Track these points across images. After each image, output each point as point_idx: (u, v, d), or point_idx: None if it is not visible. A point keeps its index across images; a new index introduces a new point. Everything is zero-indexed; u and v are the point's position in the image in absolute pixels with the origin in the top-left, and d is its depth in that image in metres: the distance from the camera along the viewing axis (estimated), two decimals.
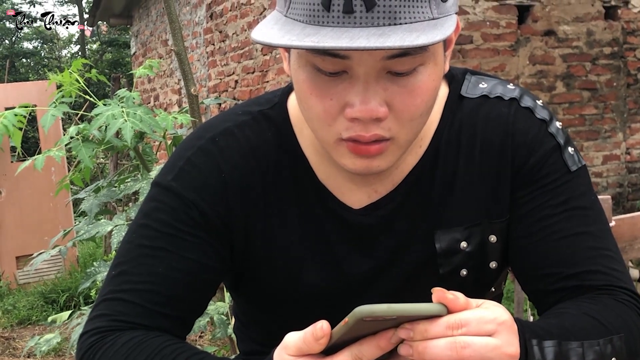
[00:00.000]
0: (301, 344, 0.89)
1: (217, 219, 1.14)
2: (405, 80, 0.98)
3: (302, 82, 1.01)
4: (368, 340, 0.87)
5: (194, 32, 8.01)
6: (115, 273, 1.15)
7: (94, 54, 19.49)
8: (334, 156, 1.06)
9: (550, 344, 0.97)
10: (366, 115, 0.97)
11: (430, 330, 0.85)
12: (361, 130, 0.99)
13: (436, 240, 1.16)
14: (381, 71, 0.97)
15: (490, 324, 0.87)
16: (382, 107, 0.98)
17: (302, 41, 0.90)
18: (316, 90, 1.00)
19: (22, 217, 6.53)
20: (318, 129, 1.05)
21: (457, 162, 1.16)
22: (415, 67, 0.98)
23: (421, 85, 0.99)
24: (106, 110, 2.36)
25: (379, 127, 0.99)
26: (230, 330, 2.61)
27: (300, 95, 1.04)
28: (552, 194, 1.14)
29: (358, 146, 1.01)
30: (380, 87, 0.97)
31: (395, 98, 0.99)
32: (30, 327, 5.61)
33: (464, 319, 0.86)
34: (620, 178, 6.18)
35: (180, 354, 1.04)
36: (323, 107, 1.00)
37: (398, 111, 0.99)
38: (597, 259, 1.12)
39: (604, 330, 1.03)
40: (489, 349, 0.86)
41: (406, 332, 0.86)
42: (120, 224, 2.39)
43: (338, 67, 0.97)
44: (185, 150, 1.17)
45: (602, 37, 6.02)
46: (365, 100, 0.97)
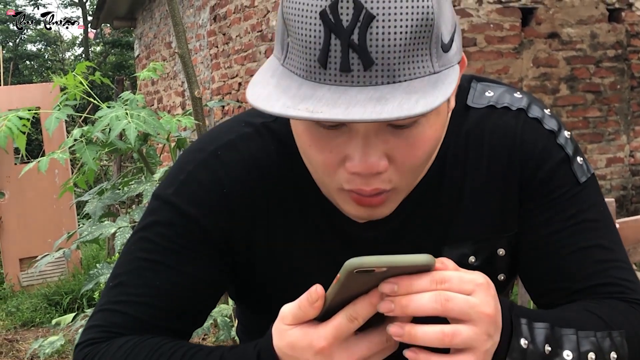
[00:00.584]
0: (297, 311, 0.90)
1: (218, 234, 1.12)
2: (407, 133, 0.95)
3: (301, 133, 0.99)
4: (360, 299, 0.87)
5: (198, 35, 8.02)
6: (113, 284, 1.14)
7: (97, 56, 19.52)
8: (338, 203, 1.05)
9: (542, 325, 0.96)
10: (366, 170, 0.95)
11: (415, 284, 0.86)
12: (362, 184, 0.97)
13: (444, 256, 1.14)
14: (381, 125, 0.94)
15: (469, 283, 0.88)
16: (382, 160, 0.95)
17: (297, 109, 0.87)
18: (315, 142, 0.97)
19: (25, 220, 6.54)
20: (320, 177, 1.03)
21: (464, 176, 1.14)
22: (416, 120, 0.95)
23: (423, 137, 0.96)
24: (110, 112, 2.36)
25: (379, 180, 0.97)
26: (233, 333, 2.61)
27: (300, 145, 1.02)
28: (561, 207, 1.12)
29: (361, 199, 1.00)
30: (380, 140, 0.94)
31: (396, 151, 0.96)
32: (33, 329, 5.61)
33: (447, 276, 0.87)
34: (624, 181, 6.17)
35: (179, 349, 1.04)
36: (323, 159, 0.98)
37: (399, 163, 0.97)
38: (608, 272, 1.11)
39: (602, 324, 1.02)
40: (469, 305, 0.87)
41: (390, 286, 0.86)
42: (123, 226, 2.39)
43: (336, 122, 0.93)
44: (186, 164, 1.15)
45: (606, 39, 6.02)
46: (365, 155, 0.94)
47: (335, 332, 0.88)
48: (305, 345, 0.89)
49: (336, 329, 0.88)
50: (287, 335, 0.91)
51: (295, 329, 0.91)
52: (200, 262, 1.11)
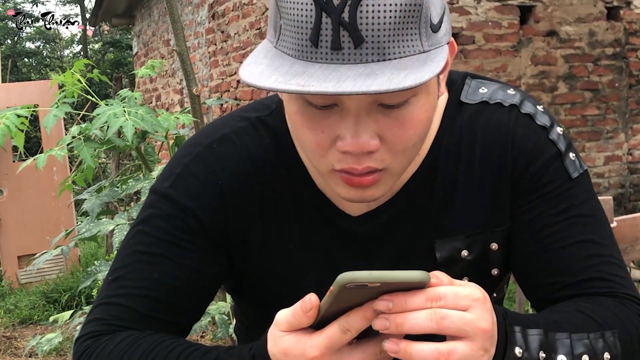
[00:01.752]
0: (291, 319, 0.90)
1: (214, 227, 1.14)
2: (397, 112, 0.96)
3: (294, 114, 1.00)
4: (354, 311, 0.87)
5: (196, 32, 8.02)
6: (111, 278, 1.15)
7: (96, 54, 19.51)
8: (329, 184, 1.05)
9: (536, 332, 0.97)
10: (357, 149, 0.96)
11: (409, 302, 0.85)
12: (353, 163, 0.98)
13: (436, 250, 1.15)
14: (372, 104, 0.95)
15: (465, 299, 0.88)
16: (374, 140, 0.96)
17: (288, 83, 0.89)
18: (307, 122, 0.99)
19: (24, 217, 6.54)
20: (311, 158, 1.04)
21: (456, 171, 1.15)
22: (406, 99, 0.96)
23: (413, 117, 0.97)
24: (107, 109, 2.36)
25: (371, 159, 0.98)
26: (231, 330, 2.61)
27: (292, 126, 1.03)
28: (553, 203, 1.13)
29: (351, 178, 1.00)
30: (372, 119, 0.96)
31: (387, 130, 0.97)
32: (31, 326, 5.61)
33: (442, 292, 0.87)
34: (622, 179, 6.18)
35: (176, 347, 1.05)
36: (315, 139, 0.99)
37: (390, 143, 0.98)
38: (599, 267, 1.11)
39: (594, 325, 1.02)
40: (465, 322, 0.86)
41: (385, 304, 0.85)
42: (121, 223, 2.39)
43: (328, 101, 0.96)
44: (182, 157, 1.17)
45: (604, 37, 6.02)
46: (357, 134, 0.95)
47: (328, 342, 0.88)
48: (298, 353, 0.90)
49: (329, 339, 0.88)
50: (281, 342, 0.91)
51: (289, 336, 0.91)
52: (197, 254, 1.13)
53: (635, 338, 1.06)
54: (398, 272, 0.83)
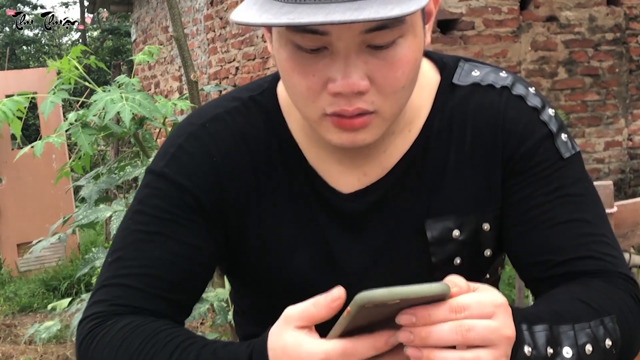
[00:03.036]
0: (311, 308, 0.89)
1: (209, 203, 1.15)
2: (385, 53, 0.99)
3: (284, 60, 1.02)
4: (364, 337, 0.86)
5: (195, 19, 7.99)
6: (111, 260, 1.16)
7: (94, 41, 19.46)
8: (320, 132, 1.07)
9: (541, 328, 0.97)
10: (348, 90, 0.98)
11: (433, 315, 0.85)
12: (344, 105, 1.00)
13: (427, 229, 1.16)
14: (361, 45, 0.98)
15: (489, 306, 0.87)
16: (364, 80, 0.99)
17: (279, 19, 0.91)
18: (298, 67, 1.01)
19: (23, 205, 6.54)
20: (302, 106, 1.06)
21: (448, 151, 1.16)
22: (394, 40, 0.98)
23: (402, 58, 1.00)
24: (105, 95, 2.34)
25: (361, 100, 1.00)
26: (230, 317, 2.61)
27: (284, 73, 1.05)
28: (545, 182, 1.14)
29: (342, 120, 1.02)
30: (361, 61, 0.98)
31: (376, 71, 0.99)
32: (31, 314, 5.62)
33: (466, 302, 0.86)
34: (622, 164, 6.17)
35: (174, 338, 1.05)
36: (306, 84, 1.01)
37: (380, 84, 1.00)
38: (589, 245, 1.12)
39: (594, 312, 1.02)
40: (490, 330, 0.86)
41: (408, 318, 0.85)
42: (119, 210, 2.38)
43: (318, 44, 0.98)
44: (176, 137, 1.19)
45: (604, 23, 5.99)
46: (347, 75, 0.98)
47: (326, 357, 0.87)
48: (296, 356, 0.89)
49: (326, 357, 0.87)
50: (284, 338, 0.91)
51: (295, 333, 0.90)
52: (195, 230, 1.14)
53: (631, 319, 1.07)
54: (417, 287, 0.82)
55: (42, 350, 4.65)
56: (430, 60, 1.22)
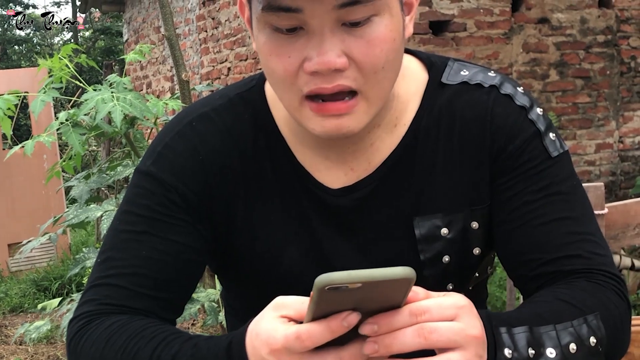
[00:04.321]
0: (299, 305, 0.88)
1: (197, 201, 1.16)
2: (362, 31, 1.00)
3: (263, 44, 1.04)
4: (320, 321, 0.84)
5: (187, 19, 7.98)
6: (101, 260, 1.16)
7: (86, 41, 19.40)
8: (302, 122, 1.07)
9: (521, 329, 0.97)
10: (324, 67, 0.99)
11: (394, 321, 0.84)
12: (322, 83, 1.01)
13: (415, 227, 1.16)
14: (336, 23, 0.99)
15: (450, 308, 0.87)
16: (341, 58, 0.99)
17: None
18: (275, 49, 1.02)
19: (14, 205, 6.52)
20: (282, 92, 1.06)
21: (436, 149, 1.17)
22: (369, 17, 0.99)
23: (378, 35, 1.00)
24: (96, 95, 2.34)
25: (341, 77, 1.01)
26: (221, 318, 2.61)
27: (263, 59, 1.06)
28: (533, 180, 1.14)
29: (322, 106, 1.03)
30: (337, 38, 0.99)
31: (354, 49, 1.00)
32: (22, 314, 5.60)
33: (425, 305, 0.86)
34: (613, 166, 6.18)
35: (159, 334, 1.05)
36: (283, 65, 1.02)
37: (359, 62, 1.01)
38: (577, 244, 1.12)
39: (576, 311, 1.02)
40: (453, 332, 0.85)
41: (370, 328, 0.84)
42: (110, 210, 2.37)
43: (293, 22, 0.99)
44: (164, 136, 1.20)
45: (595, 25, 6.01)
46: (322, 52, 0.99)
47: (284, 343, 0.85)
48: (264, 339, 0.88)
49: (285, 341, 0.85)
50: (260, 324, 0.90)
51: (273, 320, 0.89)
52: (183, 228, 1.15)
53: (617, 316, 1.07)
54: (378, 270, 0.80)
55: (32, 350, 4.64)
56: (418, 58, 1.23)
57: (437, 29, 5.57)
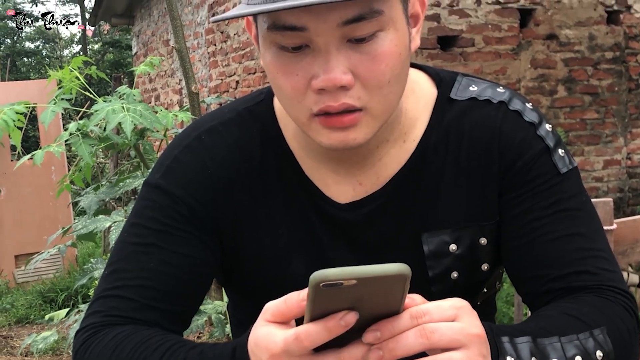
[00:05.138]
0: (282, 306, 0.87)
1: (205, 214, 1.16)
2: (367, 47, 0.99)
3: (270, 63, 1.04)
4: (317, 321, 0.83)
5: (196, 33, 8.01)
6: (108, 272, 1.17)
7: (95, 54, 19.48)
8: (311, 135, 1.07)
9: (524, 339, 0.96)
10: (330, 84, 0.98)
11: (396, 326, 0.85)
12: (329, 101, 1.00)
13: (424, 243, 1.16)
14: (341, 40, 0.98)
15: (450, 309, 0.87)
16: (347, 75, 0.99)
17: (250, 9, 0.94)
18: (282, 67, 1.02)
19: (21, 216, 6.52)
20: (290, 108, 1.06)
21: (444, 165, 1.16)
22: (374, 33, 0.99)
23: (384, 51, 1.00)
24: (106, 106, 2.34)
25: (346, 95, 1.00)
26: (228, 330, 2.60)
27: (270, 77, 1.06)
28: (542, 197, 1.14)
29: (329, 118, 1.02)
30: (343, 55, 0.99)
31: (359, 65, 1.00)
32: (28, 326, 5.60)
33: (425, 308, 0.86)
34: (621, 183, 6.17)
35: (165, 342, 1.05)
36: (290, 84, 1.02)
37: (364, 79, 1.00)
38: (586, 260, 1.11)
39: (582, 325, 1.02)
40: (455, 331, 0.86)
41: (373, 335, 0.85)
42: (118, 220, 2.37)
43: (298, 41, 0.99)
44: (172, 149, 1.20)
45: (604, 41, 6.01)
46: (328, 70, 0.98)
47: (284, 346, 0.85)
48: (264, 346, 0.88)
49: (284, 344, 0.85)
50: (257, 331, 0.90)
51: (266, 326, 0.89)
52: (190, 241, 1.15)
53: (625, 331, 1.06)
54: (372, 266, 0.80)
55: None
56: (427, 74, 1.23)
57: (446, 44, 5.58)
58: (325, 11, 0.95)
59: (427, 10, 5.36)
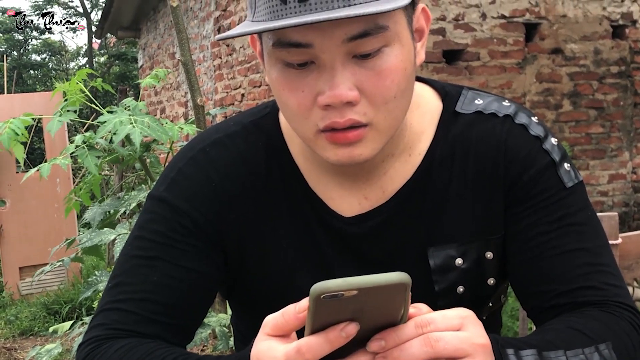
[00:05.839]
0: (280, 319, 0.87)
1: (209, 227, 1.15)
2: (372, 63, 0.99)
3: (275, 80, 1.03)
4: (318, 334, 0.83)
5: (201, 46, 8.03)
6: (111, 285, 1.17)
7: (101, 66, 19.54)
8: (317, 151, 1.06)
9: (530, 352, 0.96)
10: (336, 100, 0.98)
11: (401, 335, 0.85)
12: (335, 117, 1.00)
13: (430, 257, 1.16)
14: (346, 56, 0.98)
15: (455, 319, 0.88)
16: (352, 91, 0.98)
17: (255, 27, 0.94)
18: (287, 84, 1.02)
19: (26, 228, 6.53)
20: (297, 125, 1.06)
21: (450, 178, 1.16)
22: (379, 48, 0.99)
23: (389, 66, 1.00)
24: (113, 117, 2.35)
25: (352, 111, 1.00)
26: (232, 343, 2.59)
27: (276, 93, 1.05)
28: (547, 211, 1.13)
29: (335, 134, 1.02)
30: (348, 71, 0.98)
31: (365, 81, 0.99)
32: (32, 338, 5.59)
33: (430, 317, 0.87)
34: (626, 197, 6.15)
35: (170, 354, 1.05)
36: (296, 100, 1.02)
37: (370, 95, 1.00)
38: (592, 275, 1.11)
39: (587, 340, 1.01)
40: (460, 340, 0.86)
41: (377, 344, 0.85)
42: (123, 233, 2.37)
43: (304, 57, 0.99)
44: (177, 162, 1.20)
45: (609, 56, 6.01)
46: (334, 86, 0.98)
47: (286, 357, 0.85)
48: None
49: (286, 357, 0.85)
50: (258, 345, 0.90)
51: (267, 340, 0.89)
52: (194, 254, 1.14)
53: (630, 347, 1.06)
54: (373, 276, 0.80)
55: None
56: (432, 87, 1.22)
57: (451, 58, 5.59)
58: (331, 28, 0.95)
59: (433, 24, 5.37)
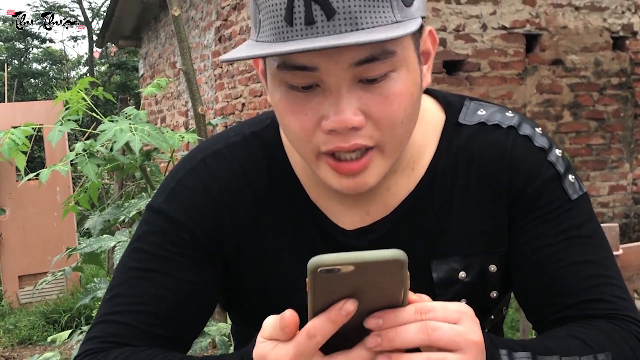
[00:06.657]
0: (271, 330, 0.89)
1: (207, 239, 1.14)
2: (379, 88, 0.97)
3: (278, 101, 1.01)
4: (320, 315, 0.84)
5: (202, 55, 8.04)
6: (108, 297, 1.16)
7: (102, 75, 19.55)
8: (320, 175, 1.05)
9: (523, 354, 0.96)
10: (341, 126, 0.96)
11: (399, 317, 0.86)
12: (340, 142, 0.99)
13: (433, 270, 1.15)
14: (352, 80, 0.96)
15: (454, 312, 0.88)
16: (357, 116, 0.97)
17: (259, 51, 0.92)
18: (291, 107, 1.00)
19: (25, 237, 6.53)
20: (299, 147, 1.04)
21: (453, 191, 1.15)
22: (386, 74, 0.97)
23: (395, 91, 0.98)
24: (113, 126, 2.34)
25: (358, 136, 0.98)
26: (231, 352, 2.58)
27: (279, 115, 1.04)
28: (553, 223, 1.12)
29: (340, 165, 1.01)
30: (354, 96, 0.97)
31: (371, 106, 0.98)
32: (30, 347, 5.58)
33: (431, 305, 0.87)
34: (627, 209, 6.15)
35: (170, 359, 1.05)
36: (299, 123, 1.00)
37: (376, 119, 0.98)
38: (600, 288, 1.10)
39: (587, 348, 1.01)
40: (456, 333, 0.86)
41: (375, 321, 0.85)
42: (123, 240, 2.36)
43: (309, 80, 0.97)
44: (176, 172, 1.19)
45: (609, 67, 6.02)
46: (339, 111, 0.96)
47: (296, 350, 0.86)
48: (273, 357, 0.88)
49: (296, 347, 0.86)
50: (260, 347, 0.90)
51: (268, 341, 0.89)
52: (192, 267, 1.13)
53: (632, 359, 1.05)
54: (368, 252, 0.81)
55: None
56: (434, 98, 1.21)
57: (451, 69, 5.60)
58: (337, 52, 0.94)
59: None
